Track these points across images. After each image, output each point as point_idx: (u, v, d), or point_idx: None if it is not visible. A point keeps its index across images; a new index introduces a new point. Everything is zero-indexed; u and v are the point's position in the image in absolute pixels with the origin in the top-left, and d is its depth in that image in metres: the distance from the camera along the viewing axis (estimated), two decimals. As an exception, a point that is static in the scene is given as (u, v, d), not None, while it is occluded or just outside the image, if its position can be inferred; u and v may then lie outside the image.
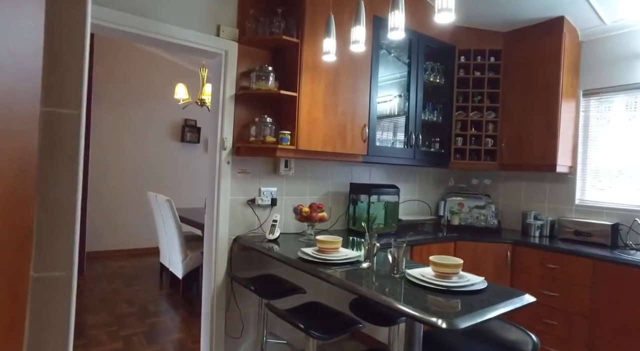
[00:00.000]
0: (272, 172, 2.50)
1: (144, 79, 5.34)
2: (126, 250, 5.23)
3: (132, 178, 5.29)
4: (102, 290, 3.75)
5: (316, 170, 2.71)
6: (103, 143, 5.05)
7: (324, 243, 1.83)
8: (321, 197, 2.73)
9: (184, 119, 5.69)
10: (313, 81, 2.29)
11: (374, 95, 2.60)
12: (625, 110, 2.72)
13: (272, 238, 2.25)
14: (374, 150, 2.62)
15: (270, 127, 2.28)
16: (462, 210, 3.24)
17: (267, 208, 2.47)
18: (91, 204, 4.93)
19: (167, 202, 3.50)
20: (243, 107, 2.36)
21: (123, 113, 5.19)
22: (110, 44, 5.05)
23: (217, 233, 2.28)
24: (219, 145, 2.29)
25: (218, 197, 2.28)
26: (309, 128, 2.28)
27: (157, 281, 4.13)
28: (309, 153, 2.31)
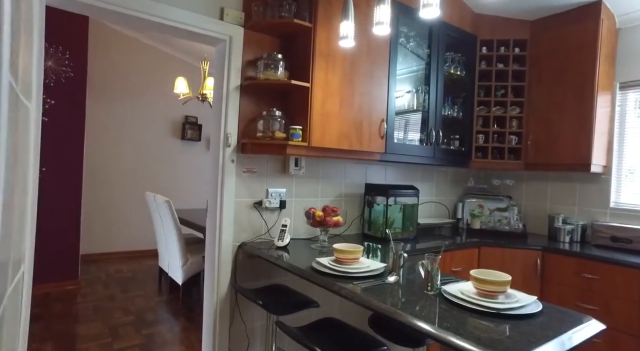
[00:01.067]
0: (281, 171, 2.27)
1: (143, 73, 5.11)
2: (124, 253, 5.01)
3: (130, 177, 5.07)
4: (97, 297, 3.52)
5: (328, 169, 2.48)
6: (99, 140, 4.83)
7: (343, 253, 1.60)
8: (334, 198, 2.50)
9: (184, 116, 5.47)
10: (327, 70, 2.06)
11: (393, 87, 2.37)
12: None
13: (281, 245, 2.02)
14: (392, 147, 2.39)
15: (279, 121, 2.05)
16: (482, 213, 3.00)
17: (276, 211, 2.25)
18: (86, 204, 4.71)
19: (166, 203, 3.28)
20: (249, 100, 2.13)
21: (121, 109, 4.96)
22: (106, 36, 4.82)
23: (220, 239, 2.05)
24: (223, 141, 2.06)
25: (221, 199, 2.06)
26: (323, 123, 2.05)
27: (156, 286, 3.91)
28: (322, 150, 2.08)
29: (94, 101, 4.75)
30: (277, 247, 2.03)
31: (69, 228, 3.69)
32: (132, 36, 5.01)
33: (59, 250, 3.65)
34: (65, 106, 3.63)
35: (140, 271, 4.39)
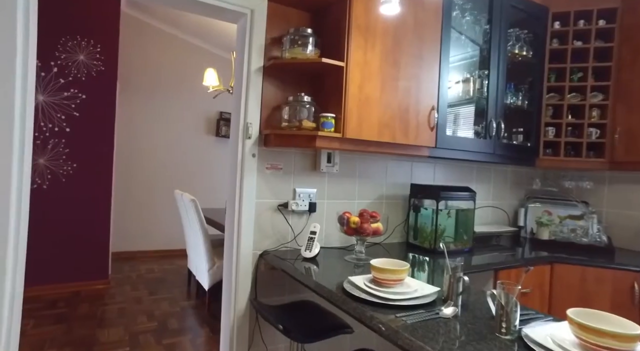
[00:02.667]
0: (310, 168, 1.95)
1: (176, 68, 5.00)
2: (157, 251, 4.92)
3: (163, 175, 4.97)
4: (124, 298, 3.39)
5: (367, 166, 2.12)
6: (130, 136, 4.76)
7: (382, 273, 1.25)
8: (373, 201, 2.15)
9: (219, 112, 5.31)
10: (366, 46, 1.71)
11: (445, 68, 1.97)
12: None
13: (309, 256, 1.69)
14: (444, 141, 1.99)
15: (308, 108, 1.73)
16: (552, 221, 2.51)
17: (304, 215, 1.92)
18: (119, 202, 4.65)
19: (192, 202, 3.07)
20: (273, 83, 1.83)
21: (152, 105, 4.87)
22: (138, 29, 4.75)
23: (239, 247, 1.76)
24: (242, 132, 1.77)
25: (240, 200, 1.76)
26: (360, 110, 1.70)
27: (184, 289, 3.73)
28: (359, 143, 1.73)
29: (125, 96, 4.69)
30: (304, 258, 1.70)
31: (99, 227, 3.59)
32: (165, 30, 4.91)
33: (89, 249, 3.56)
34: (96, 101, 3.54)
35: (171, 272, 4.25)
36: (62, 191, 3.43)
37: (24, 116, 1.36)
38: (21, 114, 1.36)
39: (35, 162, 3.34)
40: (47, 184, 3.38)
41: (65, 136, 3.43)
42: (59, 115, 3.41)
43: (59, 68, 3.40)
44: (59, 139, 3.41)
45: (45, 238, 3.39)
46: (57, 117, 3.40)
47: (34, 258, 3.36)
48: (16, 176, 1.34)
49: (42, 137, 3.35)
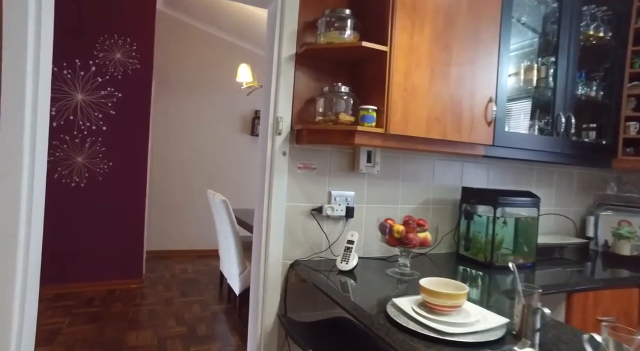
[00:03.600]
0: (347, 168, 1.73)
1: (212, 66, 4.95)
2: (191, 251, 4.89)
3: (198, 174, 4.94)
4: (156, 299, 3.34)
5: (413, 167, 1.88)
6: (167, 135, 4.76)
7: (437, 297, 1.01)
8: (418, 206, 1.90)
9: (254, 111, 5.21)
10: (413, 29, 1.47)
11: (505, 51, 1.69)
12: None
13: (345, 268, 1.48)
14: (503, 138, 1.71)
15: (345, 99, 1.52)
16: (634, 233, 2.14)
17: (340, 221, 1.71)
18: (154, 200, 4.66)
19: (223, 203, 2.94)
20: (306, 73, 1.63)
21: (189, 103, 4.85)
22: (173, 28, 4.73)
23: (267, 255, 1.58)
24: (272, 128, 1.59)
25: (269, 203, 1.58)
26: (406, 102, 1.46)
27: (216, 292, 3.63)
28: (404, 140, 1.50)
29: (160, 95, 4.69)
30: (339, 271, 1.50)
31: (133, 226, 3.57)
32: (200, 27, 4.87)
33: (124, 248, 3.55)
34: (131, 99, 3.52)
35: (204, 273, 4.18)
36: (98, 189, 3.44)
37: (35, 114, 1.25)
38: (32, 111, 1.25)
39: (73, 161, 3.35)
40: (84, 182, 3.40)
41: (102, 134, 3.43)
42: (96, 113, 3.41)
43: (97, 67, 3.40)
44: (95, 138, 3.41)
45: (82, 236, 3.41)
46: (95, 116, 3.41)
47: (72, 255, 3.39)
48: (26, 177, 1.23)
49: (80, 135, 3.37)
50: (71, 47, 3.31)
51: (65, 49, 3.29)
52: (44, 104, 1.30)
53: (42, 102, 1.28)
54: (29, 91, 1.23)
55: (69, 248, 3.38)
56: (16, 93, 1.20)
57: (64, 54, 3.29)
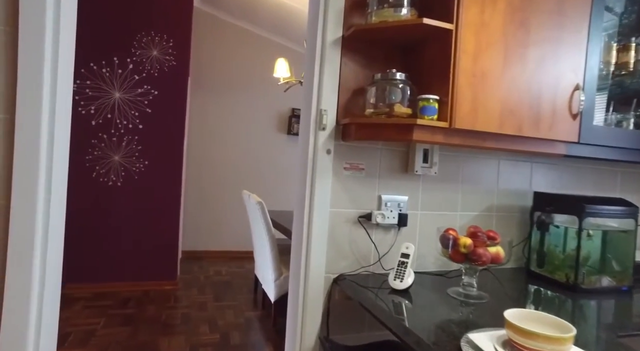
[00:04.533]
0: (400, 169, 1.51)
1: (249, 63, 4.84)
2: (226, 252, 4.81)
3: (234, 173, 4.85)
4: (190, 302, 3.24)
5: (473, 168, 1.62)
6: (203, 133, 4.69)
7: (531, 338, 0.77)
8: (480, 213, 1.64)
9: (291, 109, 5.06)
10: (483, 4, 1.23)
11: (596, 32, 1.40)
12: None
13: (399, 287, 1.26)
14: (591, 134, 1.42)
15: (402, 88, 1.29)
16: None
17: (392, 229, 1.49)
18: (190, 200, 4.61)
19: (258, 205, 2.79)
20: (354, 59, 1.42)
21: (225, 101, 4.77)
22: (211, 25, 4.66)
23: (308, 268, 1.39)
24: (315, 122, 1.39)
25: (311, 208, 1.39)
26: (475, 91, 1.22)
27: (251, 296, 3.50)
28: (472, 136, 1.26)
29: (197, 92, 4.64)
30: (392, 289, 1.27)
31: (168, 227, 3.51)
32: (237, 24, 4.77)
33: (159, 249, 3.49)
34: (167, 97, 3.45)
35: (238, 276, 4.07)
36: (134, 189, 3.39)
37: (54, 111, 1.12)
38: (50, 110, 1.12)
39: (110, 159, 3.33)
40: (121, 181, 3.36)
41: (138, 133, 3.38)
42: (132, 112, 3.37)
43: (134, 64, 3.35)
44: (132, 136, 3.37)
45: (119, 236, 3.38)
46: (131, 114, 3.37)
47: (110, 255, 3.36)
48: (43, 178, 1.11)
49: (117, 134, 3.34)
50: (110, 44, 3.28)
51: (104, 46, 3.27)
52: (63, 102, 1.17)
53: (62, 99, 1.15)
54: (46, 91, 1.10)
55: (107, 248, 3.36)
56: (32, 93, 1.07)
57: (102, 51, 3.27)
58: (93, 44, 3.24)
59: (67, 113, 1.20)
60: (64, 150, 1.20)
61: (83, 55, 3.23)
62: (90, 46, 3.24)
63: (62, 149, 1.18)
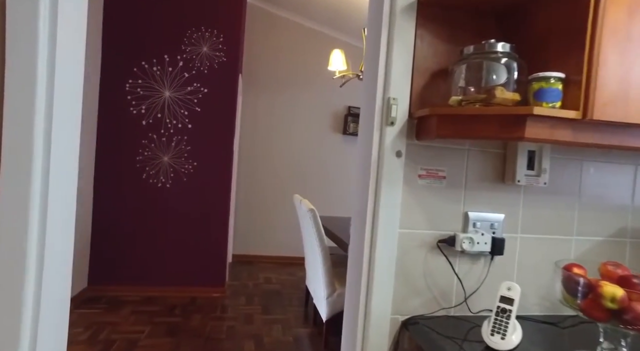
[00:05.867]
0: (494, 177, 1.12)
1: (302, 59, 4.60)
2: (277, 258, 4.60)
3: (287, 175, 4.63)
4: (236, 313, 3.04)
5: (596, 176, 1.19)
6: (254, 133, 4.52)
7: None
8: (607, 239, 1.20)
9: (347, 107, 4.75)
10: None
11: None
12: None
13: (501, 347, 0.89)
14: None
15: (505, 64, 0.92)
16: None
17: (481, 259, 1.11)
18: (241, 203, 4.46)
19: (310, 212, 2.50)
20: (433, 30, 1.07)
21: (277, 99, 4.56)
22: (263, 20, 4.47)
23: (368, 307, 1.06)
24: (380, 116, 1.05)
25: (374, 228, 1.06)
26: (630, 63, 0.82)
27: (301, 309, 3.23)
28: (619, 131, 0.85)
29: (248, 91, 4.48)
30: (487, 347, 0.90)
31: (217, 232, 3.35)
32: (290, 18, 4.54)
33: (207, 254, 3.34)
34: (217, 94, 3.29)
35: (289, 285, 3.83)
36: (183, 191, 3.27)
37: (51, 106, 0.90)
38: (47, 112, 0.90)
39: (160, 160, 3.23)
40: (170, 183, 3.26)
41: (187, 133, 3.26)
42: (182, 111, 3.25)
43: (184, 62, 3.23)
44: (181, 136, 3.25)
45: (168, 239, 3.27)
46: (181, 113, 3.25)
47: (158, 258, 3.27)
48: (39, 180, 0.89)
49: (167, 134, 3.23)
50: (161, 42, 3.19)
51: (155, 44, 3.18)
52: (67, 99, 0.95)
53: (64, 96, 0.93)
54: (40, 88, 0.88)
55: (156, 250, 3.27)
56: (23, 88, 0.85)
57: (154, 50, 3.18)
58: (145, 43, 3.16)
59: (72, 110, 0.98)
60: (67, 152, 0.97)
61: (135, 54, 3.16)
62: (142, 45, 3.16)
63: (64, 151, 0.95)
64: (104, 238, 3.18)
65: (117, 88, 3.15)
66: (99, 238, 3.18)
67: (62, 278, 0.99)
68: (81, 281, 3.09)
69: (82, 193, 2.97)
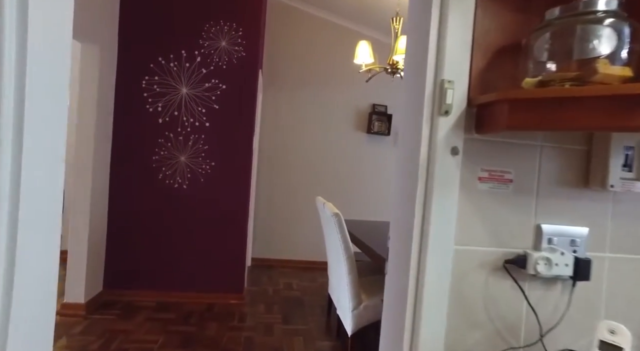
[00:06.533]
0: (575, 181, 0.89)
1: (325, 55, 4.40)
2: (298, 262, 4.41)
3: (308, 176, 4.43)
4: (255, 322, 2.86)
5: None
6: (274, 131, 4.35)
7: None
8: None
9: (371, 105, 4.52)
10: None
11: None
12: None
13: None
14: None
15: (613, 25, 0.69)
16: None
17: (558, 284, 0.88)
18: (260, 205, 4.30)
19: (334, 217, 2.30)
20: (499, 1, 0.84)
21: (298, 98, 4.38)
22: (284, 14, 4.30)
23: (415, 341, 0.84)
24: (431, 103, 0.84)
25: (423, 244, 0.84)
26: None
27: (323, 319, 3.03)
28: None
29: (268, 87, 4.31)
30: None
31: (236, 234, 3.18)
32: (313, 13, 4.35)
33: (225, 259, 3.18)
34: (236, 91, 3.13)
35: (310, 292, 3.63)
36: (200, 192, 3.13)
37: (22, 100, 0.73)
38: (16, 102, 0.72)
39: (176, 160, 3.09)
40: (186, 184, 3.11)
41: (204, 131, 3.11)
42: (199, 108, 3.10)
43: (202, 57, 3.09)
44: (198, 135, 3.11)
45: (184, 242, 3.13)
46: (198, 111, 3.10)
47: (175, 263, 3.13)
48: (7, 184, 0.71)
49: (184, 132, 3.09)
50: (178, 37, 3.05)
51: (172, 39, 3.05)
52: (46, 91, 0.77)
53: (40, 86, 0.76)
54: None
55: (172, 254, 3.13)
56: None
57: (171, 45, 3.05)
58: (162, 38, 3.03)
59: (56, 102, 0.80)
60: (47, 153, 0.80)
61: (152, 49, 3.03)
62: (159, 40, 3.03)
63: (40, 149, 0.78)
64: (119, 241, 3.07)
65: (133, 85, 3.03)
66: (114, 240, 3.06)
67: (39, 306, 0.81)
68: (96, 285, 2.98)
69: (97, 194, 2.86)
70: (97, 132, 2.79)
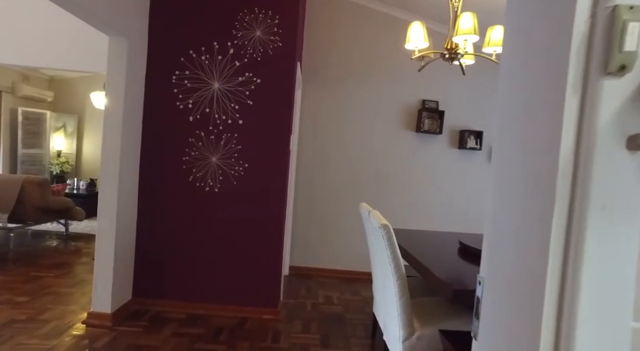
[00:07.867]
0: None
1: (370, 47, 4.01)
2: (339, 272, 4.06)
3: (351, 179, 4.07)
4: (290, 344, 2.55)
5: None
6: (314, 129, 4.03)
7: None
8: None
9: (421, 100, 4.07)
10: None
11: None
12: None
13: None
14: None
15: None
16: None
17: None
18: (299, 210, 3.99)
19: (383, 229, 1.92)
20: None
21: (341, 93, 4.02)
22: (325, 5, 3.96)
23: None
24: (584, 51, 0.45)
25: (564, 316, 0.46)
26: None
27: (367, 342, 2.65)
28: None
29: (308, 82, 3.99)
30: None
31: (271, 243, 2.89)
32: (356, 1, 3.98)
33: (258, 270, 2.90)
34: (271, 85, 2.84)
35: (353, 307, 3.27)
36: (232, 195, 2.87)
37: None
38: None
39: (208, 161, 2.85)
40: (218, 187, 2.87)
41: (237, 130, 2.85)
42: (232, 104, 2.84)
43: (235, 49, 2.83)
44: (231, 134, 2.85)
45: (215, 250, 2.88)
46: (231, 107, 2.84)
47: (205, 273, 2.89)
48: None
49: (215, 131, 2.85)
50: (210, 28, 2.81)
51: (204, 31, 2.81)
52: None
53: None
54: None
55: (203, 262, 2.90)
56: None
57: (202, 37, 2.82)
58: (193, 30, 2.81)
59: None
60: None
61: (183, 42, 2.82)
62: (190, 32, 2.81)
63: None
64: (149, 247, 2.88)
65: (163, 81, 2.83)
66: (143, 247, 2.88)
67: None
68: (125, 294, 2.81)
69: (125, 196, 2.68)
70: (125, 131, 2.60)
